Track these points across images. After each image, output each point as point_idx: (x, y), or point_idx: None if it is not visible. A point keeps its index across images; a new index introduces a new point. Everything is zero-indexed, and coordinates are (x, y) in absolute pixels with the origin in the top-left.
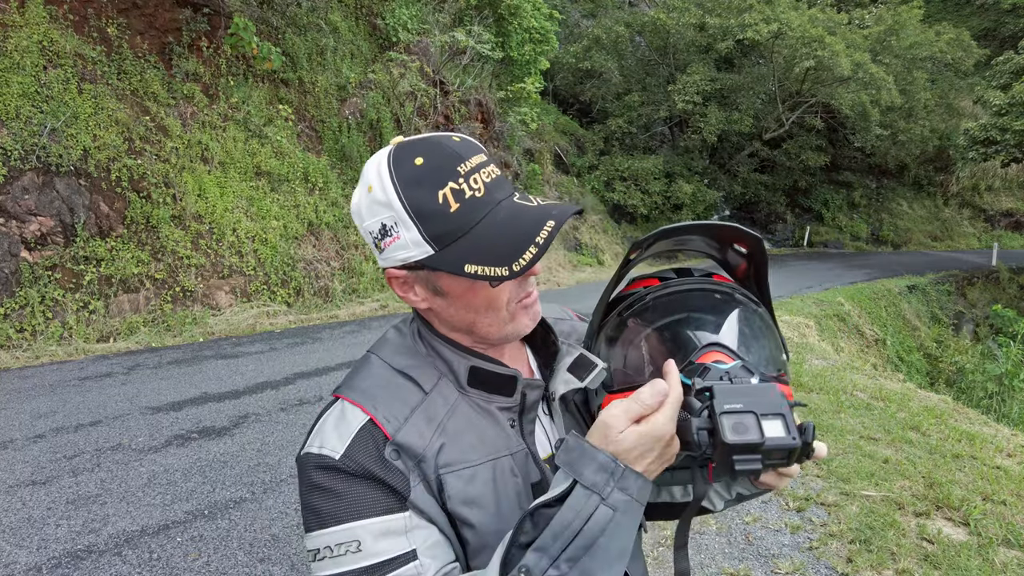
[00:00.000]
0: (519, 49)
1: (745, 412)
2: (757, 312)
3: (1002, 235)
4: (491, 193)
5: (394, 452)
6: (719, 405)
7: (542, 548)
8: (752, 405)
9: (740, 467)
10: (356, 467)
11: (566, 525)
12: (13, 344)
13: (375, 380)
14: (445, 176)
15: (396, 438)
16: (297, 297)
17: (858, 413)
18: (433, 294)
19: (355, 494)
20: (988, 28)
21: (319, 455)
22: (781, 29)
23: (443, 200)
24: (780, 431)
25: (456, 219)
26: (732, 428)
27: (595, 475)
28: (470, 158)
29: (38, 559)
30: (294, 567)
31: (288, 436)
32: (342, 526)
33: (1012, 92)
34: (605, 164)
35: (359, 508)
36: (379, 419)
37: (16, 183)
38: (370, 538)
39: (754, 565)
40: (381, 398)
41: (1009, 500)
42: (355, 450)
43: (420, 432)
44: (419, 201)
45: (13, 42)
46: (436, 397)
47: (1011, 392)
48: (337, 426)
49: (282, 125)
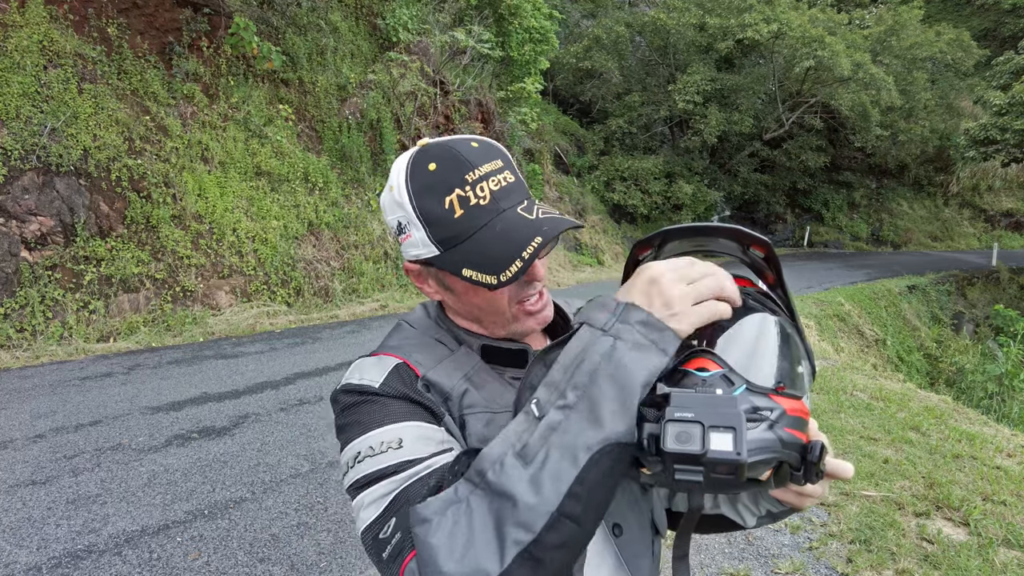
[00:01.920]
0: (519, 49)
1: (692, 422)
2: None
3: (1002, 235)
4: (496, 202)
5: (424, 386)
6: (669, 412)
7: (550, 382)
8: (704, 416)
9: (680, 476)
10: (394, 391)
11: (572, 355)
12: (13, 344)
13: (407, 339)
14: (453, 183)
15: (427, 375)
16: (297, 297)
17: (858, 413)
18: (443, 288)
19: (397, 405)
20: (988, 28)
21: (359, 383)
22: (781, 29)
23: (448, 206)
24: (727, 444)
25: (459, 225)
26: (674, 436)
27: (601, 315)
28: (481, 166)
29: (38, 559)
30: (294, 567)
31: (288, 436)
32: (385, 427)
33: (1012, 92)
34: (605, 164)
35: (401, 415)
36: (412, 362)
37: (16, 183)
38: (411, 438)
39: (754, 565)
40: (413, 350)
41: (1009, 500)
42: (391, 379)
43: (448, 374)
44: (427, 206)
45: (13, 42)
46: (462, 354)
47: (1011, 392)
48: (374, 365)
49: (282, 125)
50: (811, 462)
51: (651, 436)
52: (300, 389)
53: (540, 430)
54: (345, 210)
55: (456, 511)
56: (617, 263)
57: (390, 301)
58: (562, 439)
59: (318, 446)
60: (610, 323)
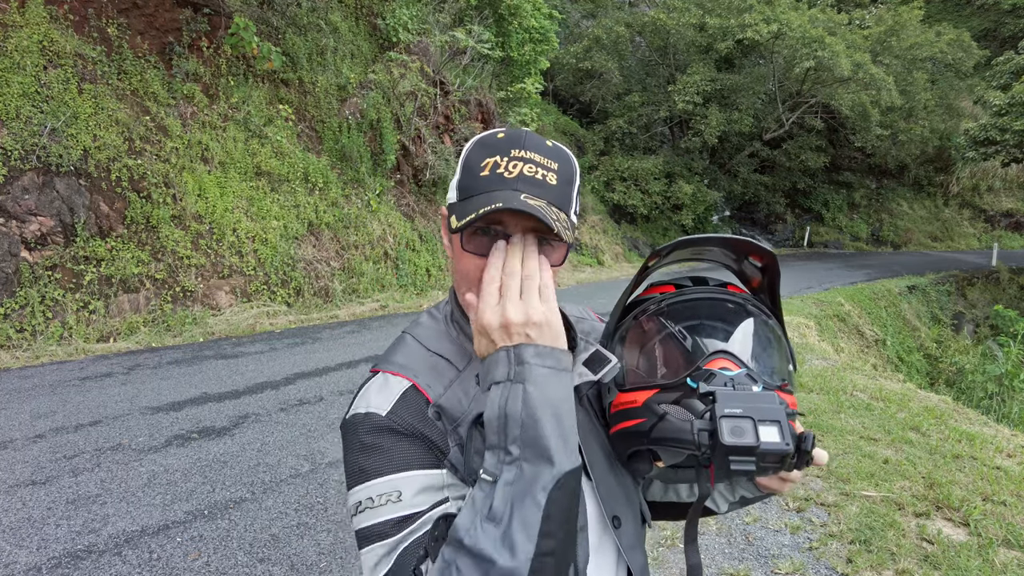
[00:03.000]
0: (519, 49)
1: (744, 417)
2: (767, 323)
3: (1002, 235)
4: (517, 182)
5: (436, 413)
6: (720, 409)
7: (491, 446)
8: (751, 411)
9: (735, 467)
10: (402, 423)
11: (495, 416)
12: (13, 344)
13: (413, 357)
14: (499, 150)
15: (438, 401)
16: (297, 297)
17: (858, 413)
18: (450, 242)
19: (399, 449)
20: (988, 29)
21: (367, 414)
22: (781, 29)
23: (483, 164)
24: (775, 436)
25: (480, 182)
26: (730, 431)
27: (499, 370)
28: (530, 152)
29: (38, 559)
30: (294, 567)
31: (288, 436)
32: (385, 478)
33: (1012, 92)
34: (605, 164)
35: (402, 462)
36: (421, 385)
37: (16, 183)
38: (410, 490)
39: (754, 565)
40: (420, 371)
41: (1009, 500)
42: (400, 408)
43: (459, 399)
44: (472, 158)
45: (13, 42)
46: (469, 374)
47: (1011, 392)
48: (381, 390)
49: (282, 125)
50: (804, 450)
51: (702, 431)
52: (300, 389)
53: (499, 491)
54: (345, 210)
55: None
56: (617, 263)
57: (390, 301)
58: (520, 490)
59: (318, 446)
60: (511, 371)
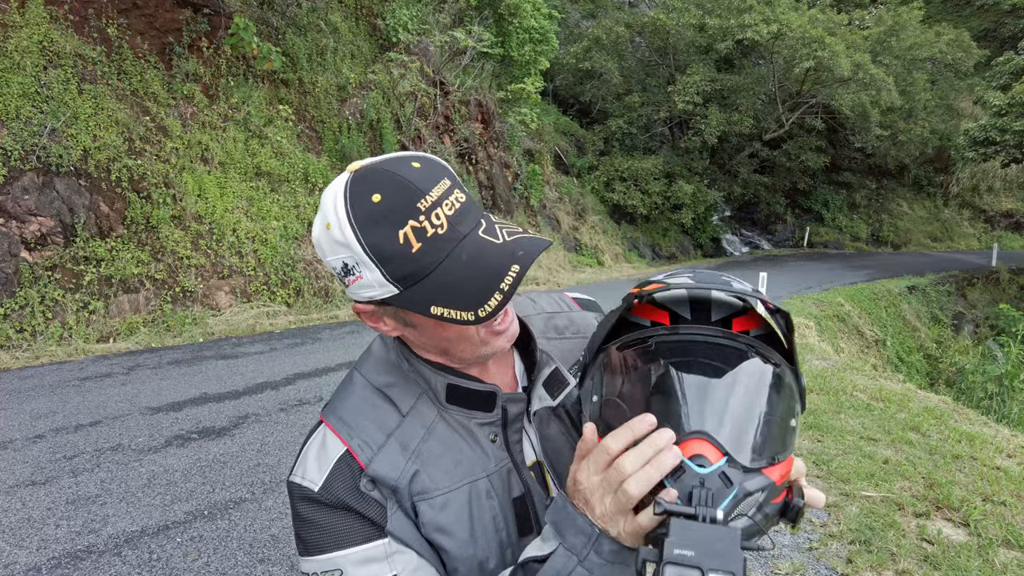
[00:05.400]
0: (519, 49)
1: (691, 567)
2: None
3: (1002, 236)
4: (454, 228)
5: (369, 483)
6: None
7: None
8: (702, 557)
9: None
10: (334, 499)
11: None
12: (13, 344)
13: (355, 404)
14: (405, 215)
15: (369, 469)
16: (297, 297)
17: (858, 414)
18: (403, 325)
19: (334, 525)
20: (988, 29)
21: (301, 486)
22: (781, 30)
23: (404, 240)
24: None
25: (419, 259)
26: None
27: (575, 537)
28: (431, 191)
29: (38, 559)
30: (293, 567)
31: (288, 436)
32: (325, 555)
33: (1012, 93)
34: (605, 164)
35: (339, 538)
36: (354, 448)
37: (16, 183)
38: (351, 566)
39: (753, 566)
40: (357, 425)
41: (1009, 501)
42: (332, 482)
43: (392, 463)
44: (379, 242)
45: (13, 42)
46: (413, 419)
47: (1011, 393)
48: (318, 456)
49: (282, 125)
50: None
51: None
52: (300, 389)
53: None
54: None
55: None
56: (617, 263)
57: None
58: None
59: None
60: (586, 552)
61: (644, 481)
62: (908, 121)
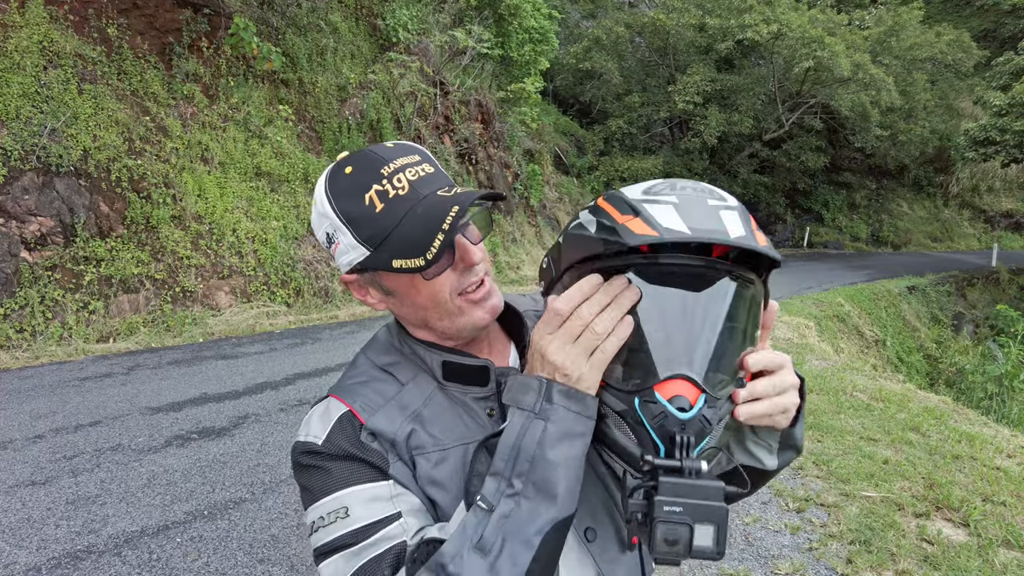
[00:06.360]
0: (519, 49)
1: (679, 523)
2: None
3: (1002, 236)
4: (416, 190)
5: (370, 436)
6: (659, 507)
7: (495, 472)
8: (690, 512)
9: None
10: (337, 450)
11: (509, 445)
12: (13, 344)
13: (358, 377)
14: (370, 180)
15: (369, 423)
16: (297, 297)
17: (858, 414)
18: (384, 294)
19: (340, 469)
20: (988, 29)
21: (305, 442)
22: (781, 30)
23: (369, 202)
24: (708, 540)
25: (383, 219)
26: (663, 539)
27: (527, 397)
28: (395, 160)
29: (38, 559)
30: (293, 567)
31: (288, 436)
32: (331, 496)
33: (1012, 93)
34: (605, 165)
35: (346, 479)
36: (356, 409)
37: (16, 183)
38: (357, 504)
39: (753, 566)
40: (360, 392)
41: (1009, 501)
42: (335, 435)
43: (391, 418)
44: (348, 207)
45: (13, 42)
46: (412, 388)
47: (1011, 393)
48: (321, 417)
49: (282, 125)
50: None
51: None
52: (300, 390)
53: (493, 522)
54: None
55: None
56: None
57: None
58: (515, 526)
59: None
60: (537, 404)
61: (608, 319)
62: (908, 121)
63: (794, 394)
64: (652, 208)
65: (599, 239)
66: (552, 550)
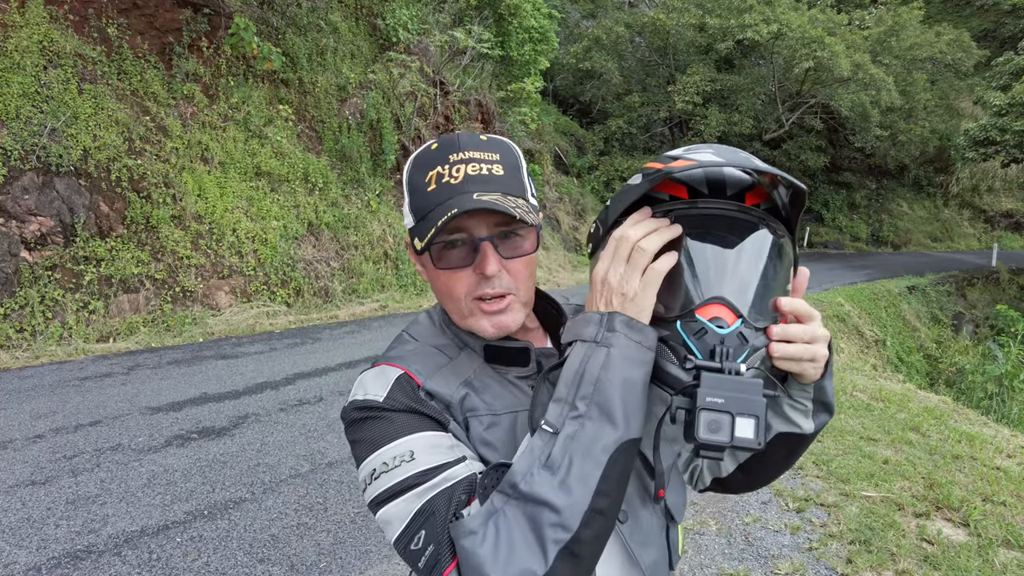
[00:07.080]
0: (519, 49)
1: (722, 412)
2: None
3: (1002, 236)
4: (466, 184)
5: (427, 395)
6: (701, 397)
7: (558, 398)
8: (732, 403)
9: (704, 454)
10: (399, 404)
11: (572, 371)
12: (13, 344)
13: (407, 350)
14: (437, 161)
15: (426, 385)
16: (297, 297)
17: (858, 414)
18: (423, 268)
19: (402, 419)
20: (988, 29)
21: (364, 399)
22: (781, 30)
23: (427, 180)
24: (749, 432)
25: (431, 198)
26: (707, 425)
27: (588, 329)
28: (467, 151)
29: (38, 559)
30: (293, 567)
31: (288, 436)
32: (395, 442)
33: (1012, 93)
34: (605, 164)
35: (409, 427)
36: (412, 371)
37: (16, 183)
38: (422, 451)
39: (753, 566)
40: (413, 360)
41: (1009, 501)
42: (395, 392)
43: (447, 382)
44: (414, 178)
45: (13, 42)
46: (463, 359)
47: (1011, 393)
48: (376, 378)
49: (282, 125)
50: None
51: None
52: (300, 389)
53: (560, 442)
54: (345, 210)
55: (496, 521)
56: None
57: (390, 301)
58: (581, 445)
59: (318, 446)
60: (599, 334)
61: (656, 238)
62: (908, 121)
63: (824, 346)
64: (691, 153)
65: (643, 182)
66: (621, 471)
